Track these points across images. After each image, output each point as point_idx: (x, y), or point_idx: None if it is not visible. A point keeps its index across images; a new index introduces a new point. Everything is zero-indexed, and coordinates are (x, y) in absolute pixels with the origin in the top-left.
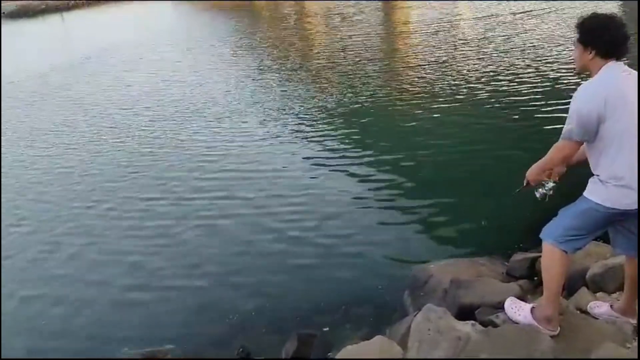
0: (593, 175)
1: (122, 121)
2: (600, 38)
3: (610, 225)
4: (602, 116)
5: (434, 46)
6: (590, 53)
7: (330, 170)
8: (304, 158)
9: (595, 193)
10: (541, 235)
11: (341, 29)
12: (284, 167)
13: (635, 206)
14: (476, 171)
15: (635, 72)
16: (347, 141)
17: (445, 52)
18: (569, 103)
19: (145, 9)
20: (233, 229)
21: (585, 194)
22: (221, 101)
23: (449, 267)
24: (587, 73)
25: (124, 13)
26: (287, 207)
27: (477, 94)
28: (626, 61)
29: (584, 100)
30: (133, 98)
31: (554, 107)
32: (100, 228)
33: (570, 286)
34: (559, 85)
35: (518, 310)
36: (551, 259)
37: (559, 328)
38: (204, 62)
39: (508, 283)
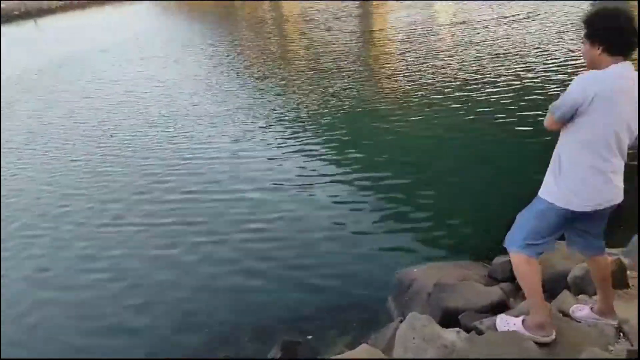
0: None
1: (82, 134)
2: (609, 34)
3: (571, 223)
4: (581, 109)
5: (411, 53)
6: (599, 49)
7: (309, 178)
8: (282, 166)
9: (549, 193)
10: (504, 244)
11: (319, 34)
12: (261, 175)
13: (588, 208)
14: (457, 175)
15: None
16: (325, 150)
17: (423, 59)
18: (546, 108)
19: (122, 12)
20: (214, 238)
21: (539, 193)
22: (190, 112)
23: (432, 271)
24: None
25: (103, 16)
26: (269, 216)
27: (457, 99)
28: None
29: (577, 85)
30: (96, 109)
31: (533, 112)
32: (67, 247)
33: (552, 289)
34: (537, 90)
35: (510, 326)
36: (519, 266)
37: (554, 333)
38: (175, 70)
39: (491, 286)
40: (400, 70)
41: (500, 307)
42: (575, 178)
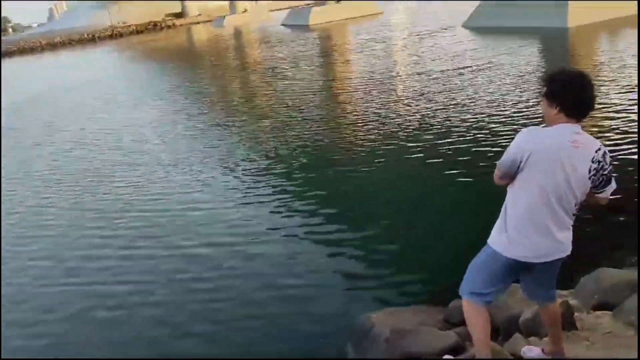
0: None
1: (27, 184)
2: (567, 96)
3: (517, 273)
4: (521, 165)
5: (369, 103)
6: (556, 109)
7: (262, 231)
8: (234, 219)
9: (494, 241)
10: (459, 291)
11: (279, 83)
12: (212, 229)
13: (528, 259)
14: (413, 221)
15: (587, 145)
16: (279, 200)
17: (380, 109)
18: (496, 157)
19: (81, 56)
20: (153, 298)
21: (488, 240)
22: (142, 160)
23: (390, 316)
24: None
25: (58, 60)
26: (218, 272)
27: (412, 148)
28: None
29: (515, 142)
30: (44, 157)
31: (485, 161)
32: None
33: (506, 331)
34: (488, 139)
35: None
36: (467, 313)
37: None
38: (130, 116)
39: (446, 331)
40: (358, 120)
41: (456, 351)
42: (515, 229)
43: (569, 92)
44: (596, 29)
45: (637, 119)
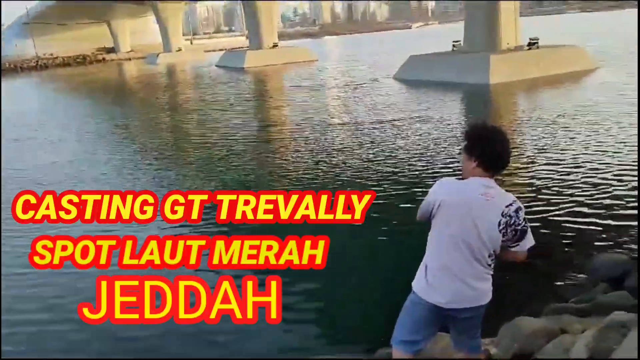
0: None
1: None
2: (485, 151)
3: (441, 319)
4: (433, 212)
5: (304, 151)
6: (475, 162)
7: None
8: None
9: (417, 285)
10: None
11: (212, 126)
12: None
13: (452, 306)
14: (344, 268)
15: (498, 199)
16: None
17: (315, 156)
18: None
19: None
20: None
21: (412, 285)
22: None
23: None
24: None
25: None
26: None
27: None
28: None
29: (432, 189)
30: None
31: (414, 211)
32: None
33: None
34: (421, 188)
35: None
36: None
37: None
38: (49, 154)
39: None
40: (287, 171)
41: None
42: (432, 274)
43: (487, 147)
44: (514, 87)
45: (637, 131)
